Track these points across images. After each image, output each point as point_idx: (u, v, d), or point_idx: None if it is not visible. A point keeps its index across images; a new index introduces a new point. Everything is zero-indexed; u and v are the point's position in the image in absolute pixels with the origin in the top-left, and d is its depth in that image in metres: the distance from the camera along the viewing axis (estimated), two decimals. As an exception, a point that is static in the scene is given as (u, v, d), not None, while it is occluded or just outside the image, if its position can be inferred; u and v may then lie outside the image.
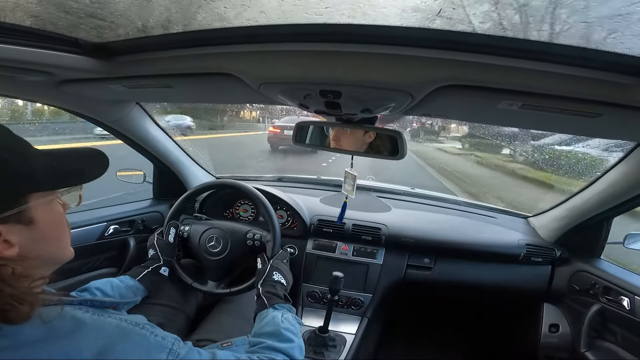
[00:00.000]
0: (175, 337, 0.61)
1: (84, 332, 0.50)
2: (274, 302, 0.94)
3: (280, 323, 0.85)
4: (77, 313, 0.52)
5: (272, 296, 0.96)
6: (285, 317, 0.88)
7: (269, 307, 0.92)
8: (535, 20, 0.51)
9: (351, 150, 1.09)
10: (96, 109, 1.20)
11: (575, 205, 1.35)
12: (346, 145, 1.09)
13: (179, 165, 1.62)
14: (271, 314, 0.89)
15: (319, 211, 1.59)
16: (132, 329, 0.55)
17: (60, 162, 0.58)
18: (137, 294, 1.05)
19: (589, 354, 1.26)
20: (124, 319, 0.56)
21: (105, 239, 1.40)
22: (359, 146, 1.07)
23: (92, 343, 0.50)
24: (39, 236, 0.54)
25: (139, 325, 0.56)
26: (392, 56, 0.59)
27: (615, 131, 0.88)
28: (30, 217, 0.53)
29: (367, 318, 1.41)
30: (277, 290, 0.99)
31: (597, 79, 0.55)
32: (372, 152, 1.07)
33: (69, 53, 0.73)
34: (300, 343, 0.83)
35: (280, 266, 1.09)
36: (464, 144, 11.92)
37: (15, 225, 0.51)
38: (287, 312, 0.91)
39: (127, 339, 0.53)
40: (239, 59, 0.70)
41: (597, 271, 1.31)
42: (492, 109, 0.75)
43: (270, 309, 0.92)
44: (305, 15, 0.54)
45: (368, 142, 1.06)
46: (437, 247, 1.49)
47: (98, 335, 0.51)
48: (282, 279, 1.05)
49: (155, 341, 0.56)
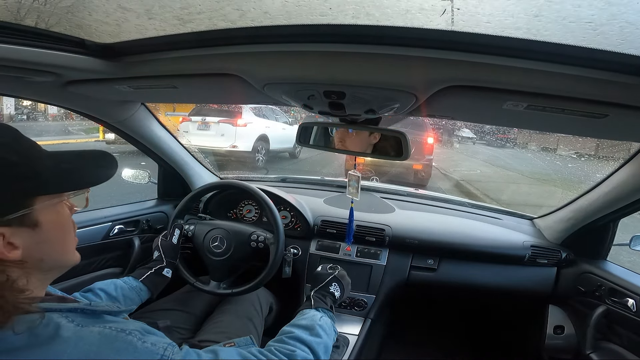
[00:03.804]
0: (169, 342, 0.59)
1: (63, 339, 0.49)
2: (320, 305, 0.97)
3: (318, 320, 0.88)
4: (61, 321, 0.51)
5: (320, 301, 0.99)
6: (324, 319, 0.91)
7: (313, 307, 0.95)
8: (541, 21, 0.51)
9: (356, 151, 1.09)
10: (102, 109, 1.21)
11: (581, 207, 1.34)
12: (351, 147, 1.09)
13: (184, 165, 1.63)
14: (312, 312, 0.92)
15: (322, 212, 1.58)
16: (117, 335, 0.53)
17: (68, 164, 0.58)
18: (140, 294, 1.06)
19: (594, 355, 1.25)
20: (109, 326, 0.54)
21: (110, 239, 1.41)
22: (364, 147, 1.07)
23: (73, 350, 0.49)
24: (44, 239, 0.54)
25: (125, 331, 0.55)
26: (396, 57, 0.59)
27: (622, 132, 0.87)
28: (35, 220, 0.53)
29: (370, 319, 1.41)
30: (326, 300, 1.01)
31: (603, 80, 0.55)
32: (377, 153, 1.06)
33: (75, 54, 0.73)
34: (328, 343, 0.85)
35: (344, 279, 1.09)
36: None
37: (19, 228, 0.51)
38: (326, 316, 0.93)
39: (110, 346, 0.52)
40: (244, 60, 0.71)
41: (602, 273, 1.30)
42: (498, 109, 0.74)
43: (313, 309, 0.94)
44: (309, 16, 0.54)
45: (373, 143, 1.06)
46: (441, 249, 1.49)
47: (78, 343, 0.50)
48: (337, 291, 1.05)
49: (143, 347, 0.54)
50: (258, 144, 7.14)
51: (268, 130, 7.44)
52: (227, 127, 6.75)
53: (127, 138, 1.41)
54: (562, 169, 9.50)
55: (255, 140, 7.03)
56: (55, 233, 0.56)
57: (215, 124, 6.74)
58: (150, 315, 1.16)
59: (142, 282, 1.08)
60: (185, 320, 1.23)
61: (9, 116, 11.31)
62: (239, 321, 1.22)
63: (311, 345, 0.79)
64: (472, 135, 14.22)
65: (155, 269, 1.12)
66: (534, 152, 12.96)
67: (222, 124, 6.74)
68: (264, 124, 7.45)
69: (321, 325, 0.87)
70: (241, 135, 6.78)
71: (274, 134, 7.55)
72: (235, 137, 6.74)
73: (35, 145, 0.55)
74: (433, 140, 6.47)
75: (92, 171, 0.62)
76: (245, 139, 6.85)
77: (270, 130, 7.52)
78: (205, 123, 6.76)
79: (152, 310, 1.19)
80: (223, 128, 6.75)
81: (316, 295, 1.01)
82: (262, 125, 7.37)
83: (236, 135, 6.74)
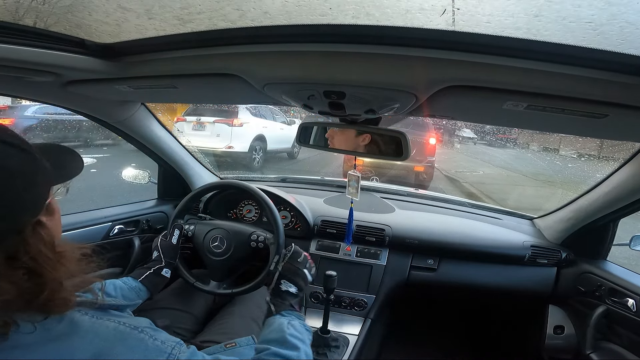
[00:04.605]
0: (177, 341, 0.60)
1: (79, 335, 0.50)
2: (282, 308, 0.90)
3: (286, 329, 0.82)
4: (75, 315, 0.51)
5: (280, 304, 0.92)
6: (292, 323, 0.85)
7: (276, 313, 0.89)
8: (541, 21, 0.51)
9: (356, 152, 1.09)
10: (102, 109, 1.21)
11: (581, 207, 1.34)
12: (350, 146, 1.09)
13: (184, 165, 1.63)
14: (278, 321, 0.86)
15: (322, 212, 1.58)
16: (130, 332, 0.54)
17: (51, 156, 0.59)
18: (140, 295, 1.05)
19: (594, 355, 1.25)
20: (123, 322, 0.55)
21: (110, 239, 1.41)
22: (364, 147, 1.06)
23: (87, 346, 0.49)
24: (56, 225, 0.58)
25: (138, 328, 0.55)
26: (396, 57, 0.59)
27: (622, 132, 0.87)
28: (52, 208, 0.57)
29: (370, 319, 1.41)
30: (285, 301, 0.93)
31: (603, 80, 0.55)
32: (376, 153, 1.06)
33: (75, 54, 0.73)
34: (307, 350, 0.80)
35: (291, 272, 0.99)
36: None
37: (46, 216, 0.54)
38: (294, 318, 0.87)
39: (123, 343, 0.52)
40: (244, 60, 0.71)
41: (602, 273, 1.30)
42: (498, 109, 0.74)
43: (278, 316, 0.88)
44: (309, 16, 0.54)
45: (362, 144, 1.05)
46: (441, 249, 1.49)
47: (94, 339, 0.50)
48: (290, 287, 0.96)
49: (153, 345, 0.55)
50: (255, 144, 7.00)
51: (265, 130, 7.29)
52: (223, 127, 6.61)
53: (127, 138, 1.41)
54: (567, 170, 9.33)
55: (252, 141, 6.90)
56: (59, 221, 0.60)
57: (210, 124, 6.60)
58: (149, 315, 1.16)
59: (141, 283, 1.07)
60: (184, 320, 1.23)
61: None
62: (242, 322, 1.22)
63: (291, 358, 0.75)
64: (472, 136, 14.22)
65: (154, 269, 1.12)
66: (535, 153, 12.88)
67: (218, 124, 6.61)
68: (261, 124, 7.30)
69: (292, 334, 0.81)
70: (237, 136, 6.64)
71: (271, 134, 7.42)
72: (231, 138, 6.59)
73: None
74: (435, 141, 6.35)
75: (72, 163, 0.65)
76: (242, 139, 6.71)
77: (268, 130, 7.39)
78: (200, 123, 6.62)
79: (150, 308, 1.19)
80: (219, 128, 6.61)
81: (273, 300, 0.93)
82: (259, 125, 7.22)
83: (232, 135, 6.60)
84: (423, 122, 5.91)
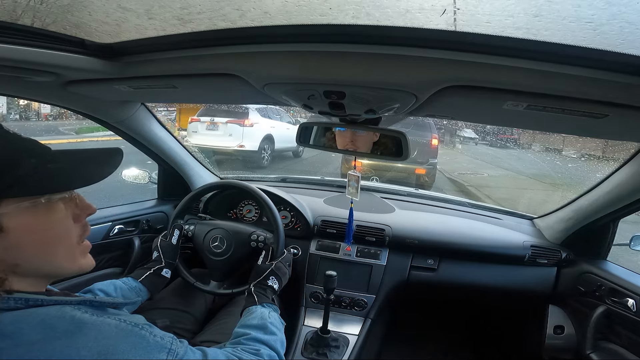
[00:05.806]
0: (172, 336, 0.60)
1: (83, 332, 0.49)
2: (264, 300, 0.99)
3: (267, 318, 0.91)
4: (76, 313, 0.51)
5: (262, 296, 1.01)
6: (272, 314, 0.94)
7: (258, 304, 0.98)
8: (541, 21, 0.51)
9: (355, 152, 1.09)
10: (102, 109, 1.21)
11: (581, 207, 1.34)
12: (350, 146, 1.09)
13: (184, 165, 1.63)
14: (259, 310, 0.95)
15: (322, 212, 1.58)
16: (132, 329, 0.54)
17: (60, 163, 0.53)
18: (140, 295, 1.06)
19: (594, 355, 1.25)
20: (123, 319, 0.55)
21: (110, 239, 1.41)
22: (364, 147, 1.07)
23: (92, 344, 0.49)
24: (13, 244, 0.49)
25: (138, 325, 0.55)
26: (396, 57, 0.59)
27: (622, 132, 0.87)
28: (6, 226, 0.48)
29: (370, 319, 1.41)
30: (266, 293, 1.03)
31: (603, 80, 0.55)
32: (376, 153, 1.06)
33: (75, 54, 0.73)
34: (283, 338, 0.89)
35: (280, 271, 1.10)
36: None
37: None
38: (273, 311, 0.97)
39: (126, 340, 0.52)
40: (244, 60, 0.71)
41: (603, 273, 1.30)
42: (497, 109, 0.74)
43: (259, 306, 0.97)
44: (309, 16, 0.54)
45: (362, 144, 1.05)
46: (441, 249, 1.49)
47: (98, 337, 0.50)
48: (275, 284, 1.07)
49: (154, 341, 0.55)
50: (264, 144, 7.34)
51: (273, 130, 7.61)
52: (235, 127, 6.96)
53: (127, 138, 1.41)
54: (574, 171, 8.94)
55: (261, 140, 7.24)
56: (30, 238, 0.51)
57: (223, 124, 6.96)
58: (149, 314, 1.16)
59: (141, 283, 1.08)
60: (184, 320, 1.23)
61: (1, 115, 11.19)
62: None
63: (269, 343, 0.82)
64: (474, 136, 14.18)
65: (154, 270, 1.12)
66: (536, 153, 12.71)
67: (230, 124, 6.94)
68: (269, 124, 7.62)
69: (272, 322, 0.90)
70: (248, 135, 7.00)
71: (278, 134, 7.71)
72: (243, 137, 6.96)
73: (20, 143, 0.51)
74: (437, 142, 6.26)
75: (83, 171, 0.56)
76: (252, 138, 7.07)
77: (275, 130, 7.69)
78: (213, 123, 6.96)
79: (150, 308, 1.19)
80: (231, 128, 6.97)
81: (257, 290, 1.02)
82: (268, 125, 7.55)
83: (243, 135, 6.96)
84: (425, 122, 5.87)
